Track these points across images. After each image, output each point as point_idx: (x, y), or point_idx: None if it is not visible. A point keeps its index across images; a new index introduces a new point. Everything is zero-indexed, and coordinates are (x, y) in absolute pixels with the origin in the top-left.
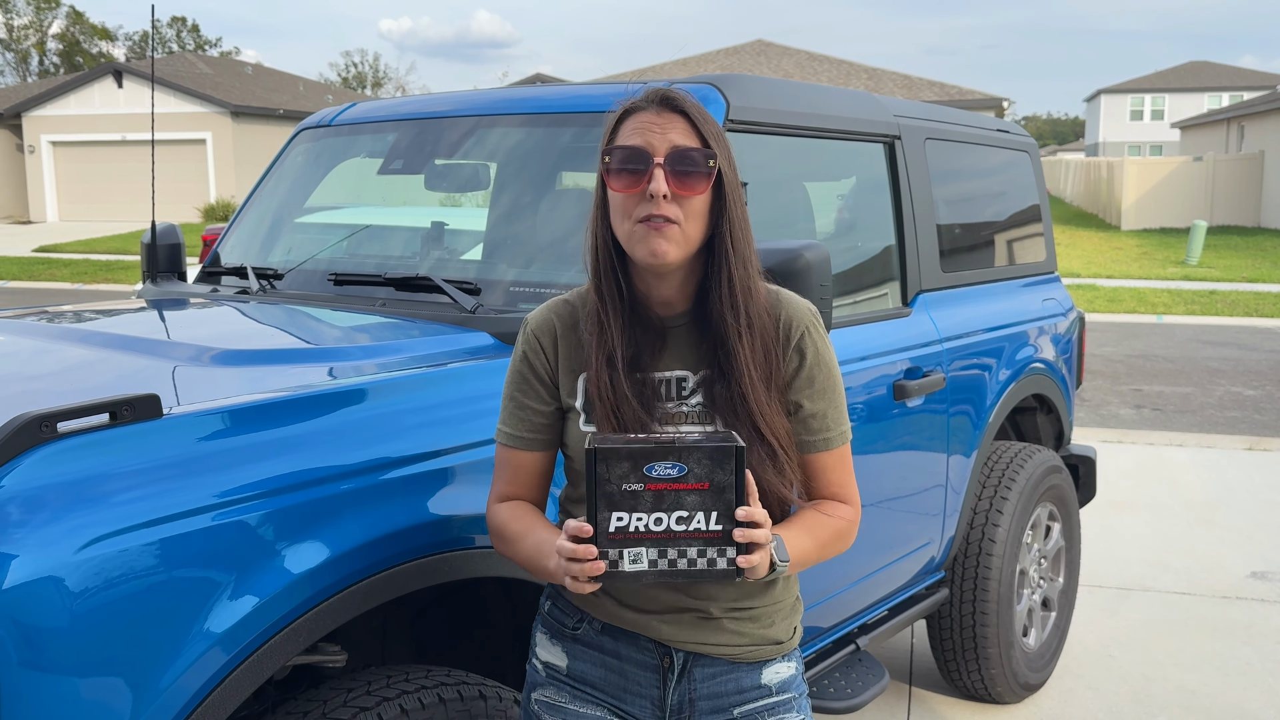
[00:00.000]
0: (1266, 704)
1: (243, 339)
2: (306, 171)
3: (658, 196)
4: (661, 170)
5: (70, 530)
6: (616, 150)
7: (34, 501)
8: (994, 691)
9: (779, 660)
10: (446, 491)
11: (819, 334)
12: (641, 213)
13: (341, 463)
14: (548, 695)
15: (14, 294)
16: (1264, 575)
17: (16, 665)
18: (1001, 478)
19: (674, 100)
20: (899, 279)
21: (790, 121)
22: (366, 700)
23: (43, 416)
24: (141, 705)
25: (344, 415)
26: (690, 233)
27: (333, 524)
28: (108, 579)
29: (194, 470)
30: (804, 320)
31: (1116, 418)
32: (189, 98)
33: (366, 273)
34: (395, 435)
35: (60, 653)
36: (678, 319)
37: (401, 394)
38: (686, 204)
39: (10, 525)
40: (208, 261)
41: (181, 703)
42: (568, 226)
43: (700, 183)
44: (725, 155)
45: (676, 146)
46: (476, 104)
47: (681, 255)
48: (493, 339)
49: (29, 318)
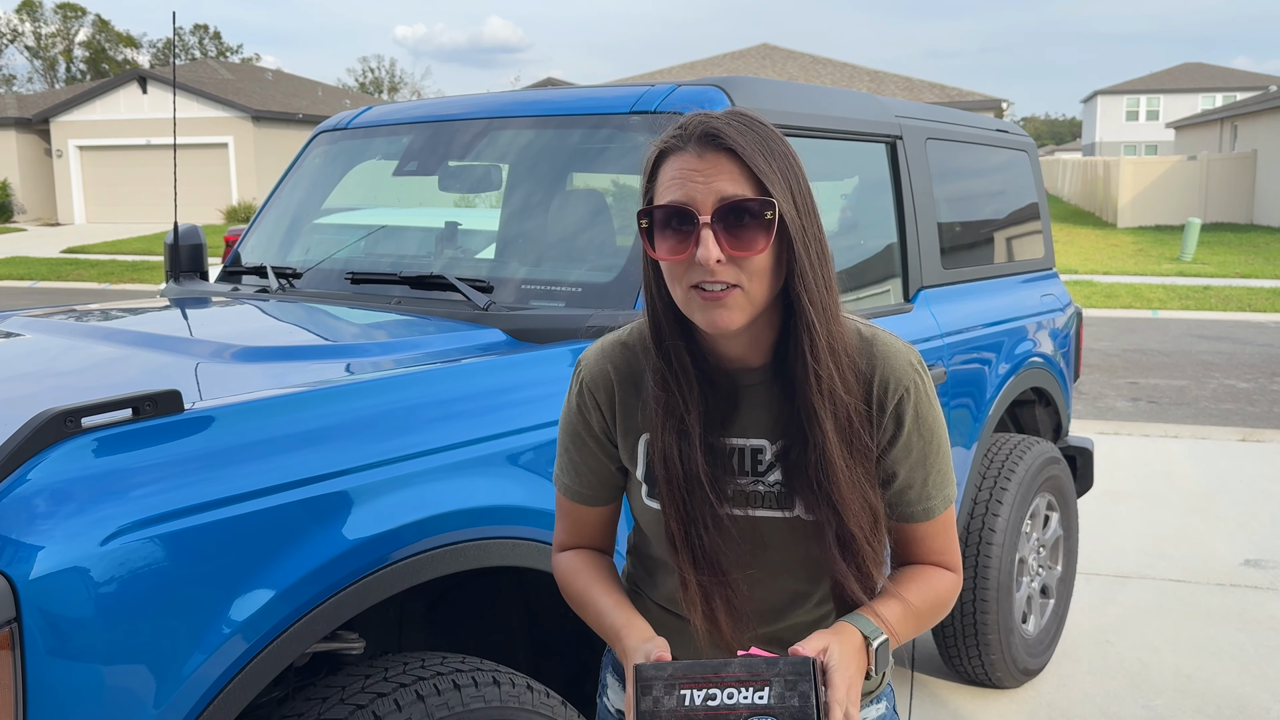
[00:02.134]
0: (1260, 688)
1: (263, 336)
2: (324, 173)
3: (708, 263)
4: (709, 231)
5: (95, 522)
6: (655, 211)
7: (60, 494)
8: (994, 676)
9: (869, 704)
10: (462, 483)
11: (921, 393)
12: (693, 279)
13: (359, 456)
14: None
15: (43, 294)
16: (1257, 563)
17: (44, 653)
18: (1001, 469)
19: (718, 137)
20: (901, 275)
21: (795, 123)
22: (384, 686)
23: (67, 412)
24: (165, 692)
25: (362, 409)
26: (755, 293)
27: (351, 515)
28: (132, 570)
29: (215, 463)
30: (903, 380)
31: (1113, 410)
32: (211, 103)
33: (382, 271)
34: (412, 429)
35: (86, 641)
36: (754, 375)
37: (418, 389)
38: (745, 264)
39: (37, 517)
40: (229, 261)
41: (204, 689)
42: (578, 226)
43: (759, 239)
44: (790, 189)
45: (725, 198)
46: (488, 107)
47: (746, 319)
48: (505, 335)
49: (57, 316)
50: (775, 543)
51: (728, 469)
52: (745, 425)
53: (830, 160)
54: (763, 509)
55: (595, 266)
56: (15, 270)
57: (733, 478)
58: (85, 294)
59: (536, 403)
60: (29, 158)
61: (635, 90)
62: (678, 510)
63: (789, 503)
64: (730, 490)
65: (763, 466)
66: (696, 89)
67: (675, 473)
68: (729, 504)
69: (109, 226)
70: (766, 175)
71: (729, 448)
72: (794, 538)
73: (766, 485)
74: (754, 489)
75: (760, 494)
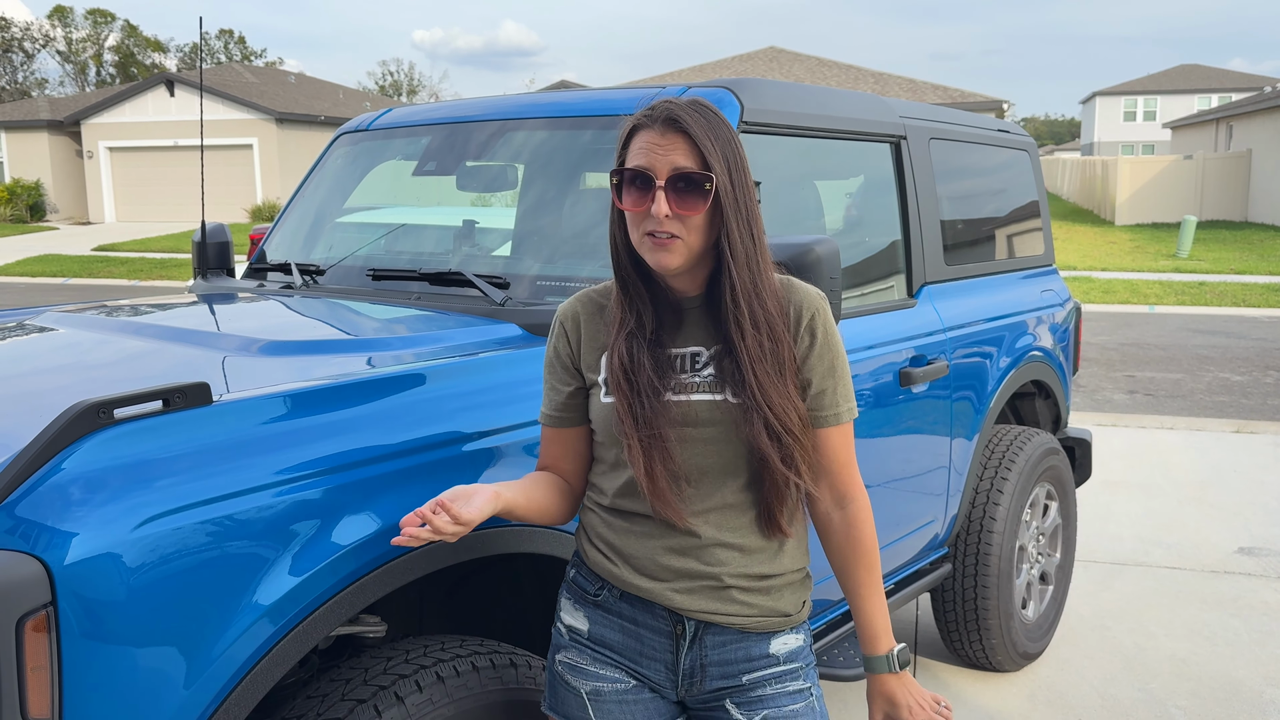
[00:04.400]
0: (1252, 671)
1: (288, 330)
2: (346, 174)
3: (658, 216)
4: (662, 193)
5: (127, 509)
6: (624, 172)
7: (93, 483)
8: (995, 660)
9: (787, 632)
10: (479, 473)
11: (826, 316)
12: (647, 227)
13: (380, 446)
14: (570, 657)
15: (75, 290)
16: (1251, 551)
17: (79, 636)
18: (1002, 459)
19: (677, 121)
20: (904, 272)
21: (801, 123)
22: (405, 668)
23: (100, 404)
24: (194, 672)
25: (383, 401)
26: (692, 243)
27: (373, 503)
28: (162, 555)
29: (242, 453)
30: (812, 305)
31: (1111, 402)
32: (237, 105)
33: (402, 268)
34: (430, 420)
35: (119, 624)
36: (692, 301)
37: (437, 381)
38: (687, 220)
39: (71, 505)
40: (254, 258)
41: (232, 670)
42: (590, 223)
43: (699, 202)
44: (727, 166)
45: (677, 168)
46: (504, 109)
47: (684, 263)
48: (521, 330)
49: (89, 312)
50: (706, 418)
51: (671, 368)
52: (686, 338)
53: (836, 159)
54: (697, 394)
55: (607, 262)
56: (48, 267)
57: (674, 375)
58: (115, 290)
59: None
60: (61, 159)
61: (646, 92)
62: (626, 394)
63: (719, 388)
64: (672, 383)
65: (699, 364)
66: (705, 90)
67: (627, 366)
68: (670, 392)
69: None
70: (710, 154)
71: (672, 355)
72: (720, 415)
73: (701, 377)
74: (690, 380)
75: (696, 383)
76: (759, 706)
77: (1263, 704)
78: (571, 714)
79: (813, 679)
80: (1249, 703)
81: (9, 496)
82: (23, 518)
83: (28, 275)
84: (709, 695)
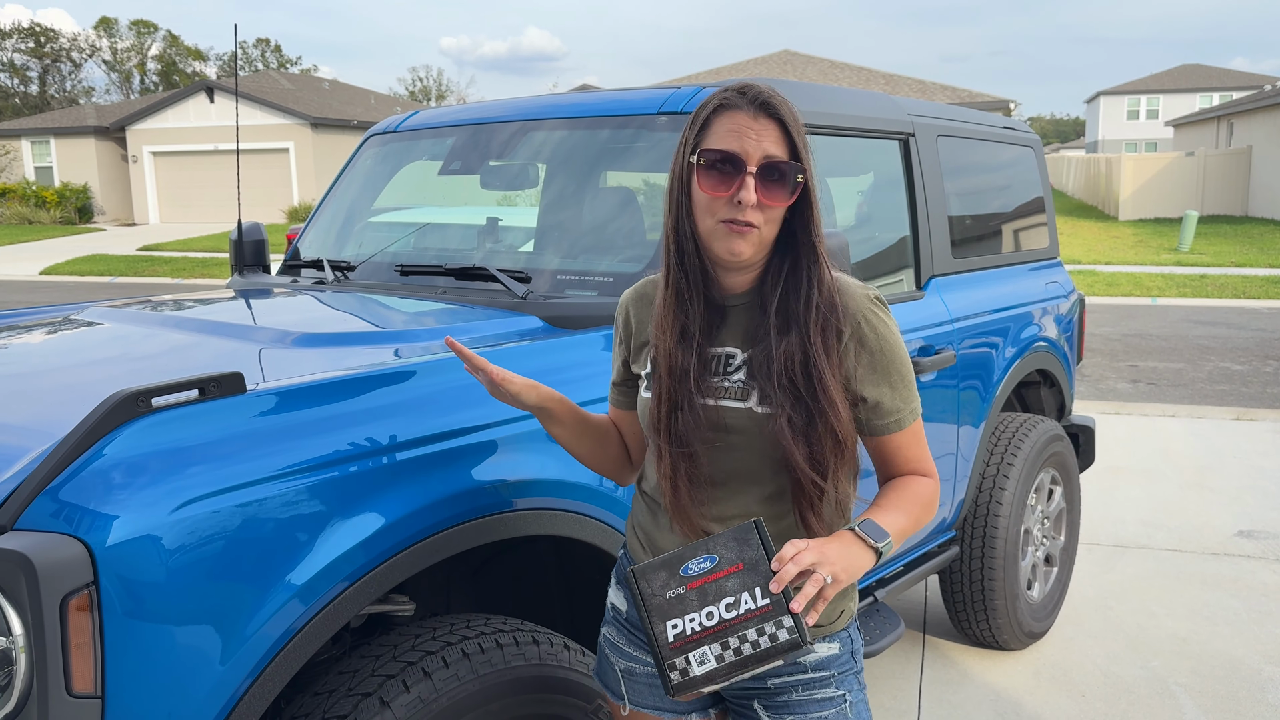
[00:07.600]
0: (1251, 650)
1: (320, 323)
2: (375, 174)
3: (746, 203)
4: (753, 179)
5: (166, 494)
6: (710, 152)
7: (133, 468)
8: (1001, 639)
9: (819, 641)
10: (503, 459)
11: (877, 319)
12: (725, 215)
13: (409, 433)
14: (610, 633)
15: (121, 288)
16: (1250, 534)
17: (120, 615)
18: (1008, 445)
19: (771, 106)
20: (913, 265)
21: (813, 121)
22: (432, 645)
23: (139, 392)
24: (230, 650)
25: (411, 390)
26: (766, 235)
27: (401, 487)
28: (200, 537)
29: (275, 440)
30: (860, 309)
31: (1114, 391)
32: (273, 111)
33: (429, 264)
34: (456, 407)
35: (158, 603)
36: (737, 299)
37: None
38: (769, 211)
39: (113, 489)
40: (288, 256)
41: (266, 647)
42: (609, 219)
43: (784, 194)
44: (809, 160)
45: (769, 157)
46: (526, 109)
47: (755, 255)
48: (542, 322)
49: (133, 306)
50: (734, 426)
51: (707, 369)
52: (725, 338)
53: (847, 156)
54: (725, 400)
55: (625, 258)
56: (96, 267)
57: (708, 377)
58: (160, 288)
59: (572, 384)
60: (107, 163)
61: (662, 92)
62: (666, 397)
63: (746, 396)
64: (704, 385)
65: (731, 368)
66: None
67: (673, 368)
68: (701, 395)
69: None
70: (800, 145)
71: (710, 354)
72: (747, 424)
73: (730, 382)
74: (720, 385)
75: (725, 388)
76: (785, 711)
77: (1261, 681)
78: (611, 686)
79: (848, 685)
80: (1248, 680)
81: (53, 481)
82: (66, 501)
83: (77, 274)
84: (739, 691)
